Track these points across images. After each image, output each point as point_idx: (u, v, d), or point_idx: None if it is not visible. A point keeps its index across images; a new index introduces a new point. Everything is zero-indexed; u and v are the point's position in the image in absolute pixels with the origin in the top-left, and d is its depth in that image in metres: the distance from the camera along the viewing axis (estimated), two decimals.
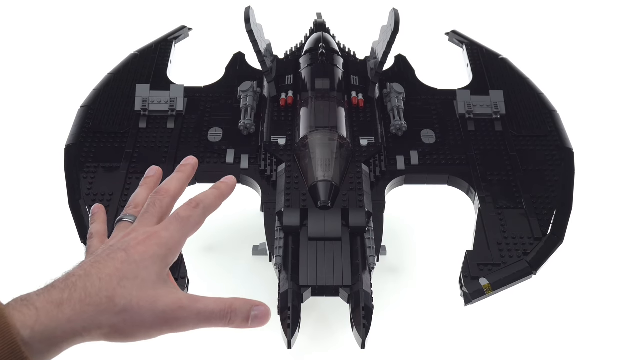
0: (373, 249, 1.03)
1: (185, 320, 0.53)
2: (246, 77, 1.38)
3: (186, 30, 1.57)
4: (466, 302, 1.02)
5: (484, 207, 1.14)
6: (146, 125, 1.27)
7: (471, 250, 1.07)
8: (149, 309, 0.51)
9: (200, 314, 0.53)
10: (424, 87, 1.40)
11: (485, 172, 1.20)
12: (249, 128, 1.25)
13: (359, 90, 1.34)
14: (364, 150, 1.19)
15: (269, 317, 0.55)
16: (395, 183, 1.19)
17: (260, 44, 1.26)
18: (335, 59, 1.38)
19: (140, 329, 0.51)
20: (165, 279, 0.55)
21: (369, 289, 0.97)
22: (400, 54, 1.48)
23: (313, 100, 1.26)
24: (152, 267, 0.53)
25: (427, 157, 1.23)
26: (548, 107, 1.34)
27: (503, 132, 1.28)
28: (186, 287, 1.02)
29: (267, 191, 1.13)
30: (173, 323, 0.52)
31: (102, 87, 1.36)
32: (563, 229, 1.10)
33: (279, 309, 0.95)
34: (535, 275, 1.04)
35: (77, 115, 1.29)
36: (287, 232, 1.04)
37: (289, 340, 0.91)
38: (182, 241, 0.58)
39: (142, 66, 1.41)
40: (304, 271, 0.98)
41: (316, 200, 1.07)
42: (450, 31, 1.59)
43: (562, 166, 1.21)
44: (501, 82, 1.40)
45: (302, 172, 1.12)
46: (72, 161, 1.19)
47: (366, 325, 0.92)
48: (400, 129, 1.26)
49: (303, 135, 1.18)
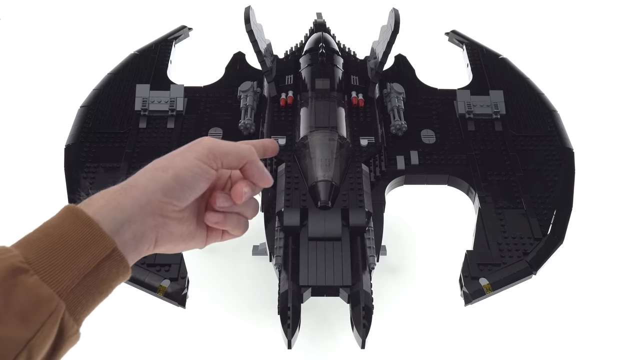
0: (373, 249, 1.03)
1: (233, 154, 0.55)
2: (246, 77, 1.38)
3: (186, 30, 1.57)
4: (466, 302, 1.02)
5: (484, 207, 1.14)
6: (146, 125, 1.28)
7: (471, 250, 1.07)
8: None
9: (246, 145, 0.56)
10: (424, 87, 1.40)
11: (485, 172, 1.20)
12: (249, 128, 1.25)
13: (359, 90, 1.33)
14: (364, 150, 1.19)
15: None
16: (395, 183, 1.19)
17: (260, 44, 1.26)
18: (335, 59, 1.38)
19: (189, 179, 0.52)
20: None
21: (369, 289, 0.97)
22: (400, 54, 1.48)
23: (313, 100, 1.26)
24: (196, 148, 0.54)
25: (427, 157, 1.23)
26: (548, 107, 1.34)
27: (503, 132, 1.28)
28: (186, 287, 1.02)
29: (267, 191, 1.13)
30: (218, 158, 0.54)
31: (102, 87, 1.36)
32: (563, 229, 1.10)
33: (279, 309, 0.95)
34: (535, 275, 1.04)
35: (77, 115, 1.29)
36: (287, 232, 1.04)
37: (289, 340, 0.91)
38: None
39: (142, 66, 1.41)
40: (304, 271, 0.98)
41: (316, 200, 1.07)
42: (450, 31, 1.59)
43: (562, 166, 1.21)
44: (501, 82, 1.40)
45: (302, 172, 1.12)
46: (72, 161, 1.19)
47: (366, 325, 0.92)
48: (400, 129, 1.26)
49: (303, 135, 1.18)
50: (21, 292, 0.40)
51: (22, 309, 0.40)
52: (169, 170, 0.51)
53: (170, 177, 0.51)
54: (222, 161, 0.54)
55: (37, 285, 0.41)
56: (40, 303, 0.41)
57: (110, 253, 0.45)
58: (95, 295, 0.45)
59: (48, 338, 0.41)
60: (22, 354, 0.39)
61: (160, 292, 1.00)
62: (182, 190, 0.51)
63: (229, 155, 0.54)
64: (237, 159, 0.55)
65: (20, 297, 0.40)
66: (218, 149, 0.53)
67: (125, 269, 0.47)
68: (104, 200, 0.48)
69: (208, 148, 0.53)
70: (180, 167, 0.51)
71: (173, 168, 0.51)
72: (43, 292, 0.41)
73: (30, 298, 0.40)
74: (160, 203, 0.50)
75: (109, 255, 0.45)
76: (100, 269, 0.45)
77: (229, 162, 0.54)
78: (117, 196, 0.49)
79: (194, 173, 0.52)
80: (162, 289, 1.00)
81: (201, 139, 0.54)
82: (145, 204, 0.49)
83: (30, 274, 0.41)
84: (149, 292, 1.01)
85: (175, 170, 0.51)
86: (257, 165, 0.56)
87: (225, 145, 0.54)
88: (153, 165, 0.52)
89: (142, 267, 1.02)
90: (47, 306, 0.41)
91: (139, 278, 1.01)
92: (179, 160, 0.52)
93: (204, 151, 0.53)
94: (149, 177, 0.50)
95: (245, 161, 0.55)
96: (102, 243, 0.45)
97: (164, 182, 0.50)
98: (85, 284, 0.44)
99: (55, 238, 0.44)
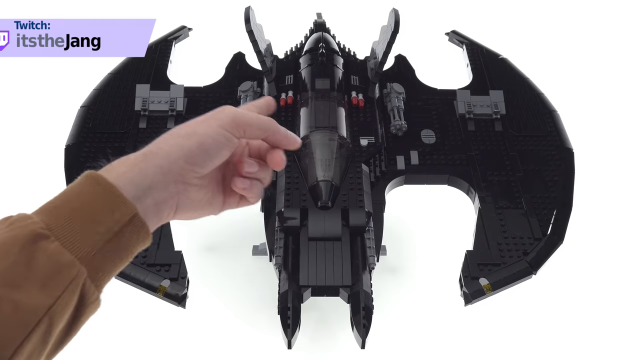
0: (373, 249, 1.03)
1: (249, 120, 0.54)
2: (246, 77, 1.38)
3: (186, 30, 1.57)
4: (466, 302, 1.02)
5: (484, 207, 1.14)
6: (146, 125, 1.28)
7: (471, 250, 1.07)
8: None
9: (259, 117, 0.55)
10: (424, 87, 1.40)
11: (485, 172, 1.20)
12: None
13: (359, 90, 1.34)
14: (364, 150, 1.19)
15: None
16: (395, 183, 1.19)
17: (260, 44, 1.26)
18: (335, 59, 1.38)
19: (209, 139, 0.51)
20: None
21: (369, 289, 0.97)
22: (400, 54, 1.48)
23: (313, 100, 1.26)
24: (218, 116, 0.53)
25: (427, 157, 1.23)
26: (548, 107, 1.34)
27: (503, 132, 1.28)
28: (186, 287, 1.02)
29: (267, 191, 1.13)
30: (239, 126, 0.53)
31: (102, 87, 1.36)
32: (563, 229, 1.10)
33: (279, 309, 0.95)
34: (535, 275, 1.04)
35: (77, 115, 1.29)
36: (287, 232, 1.04)
37: (289, 340, 0.91)
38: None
39: (142, 66, 1.41)
40: (304, 271, 0.98)
41: (316, 200, 1.07)
42: (450, 31, 1.59)
43: (562, 166, 1.21)
44: (501, 82, 1.40)
45: (302, 172, 1.12)
46: (72, 161, 1.19)
47: (366, 325, 0.92)
48: (400, 129, 1.26)
49: (303, 135, 1.18)
50: (42, 258, 0.40)
51: (43, 275, 0.40)
52: (192, 137, 0.50)
53: (194, 144, 0.50)
54: (245, 130, 0.53)
55: (58, 252, 0.41)
56: (62, 269, 0.41)
57: (131, 219, 0.45)
58: (116, 261, 0.45)
59: (69, 305, 0.41)
60: (44, 321, 0.39)
61: (160, 292, 1.00)
62: (205, 157, 0.51)
63: (252, 126, 0.54)
64: (260, 130, 0.54)
65: (41, 263, 0.40)
66: (242, 118, 0.53)
67: (146, 235, 0.47)
68: (125, 166, 0.47)
69: (232, 117, 0.52)
70: (204, 134, 0.51)
71: (197, 135, 0.51)
72: (64, 258, 0.41)
73: (51, 264, 0.40)
74: (182, 170, 0.50)
75: (129, 220, 0.45)
76: (121, 235, 0.44)
77: (252, 133, 0.54)
78: (139, 162, 0.48)
79: (218, 141, 0.51)
80: (162, 289, 1.00)
81: (224, 108, 0.53)
82: (167, 171, 0.49)
83: (51, 240, 0.41)
84: (149, 292, 1.01)
85: (199, 138, 0.50)
86: (281, 133, 0.56)
87: (248, 116, 0.54)
88: (176, 132, 0.51)
89: (142, 267, 1.01)
90: (68, 272, 0.41)
91: (139, 278, 1.01)
92: (203, 127, 0.51)
93: (227, 119, 0.52)
94: (172, 144, 0.50)
95: (268, 133, 0.55)
96: (122, 209, 0.45)
97: (187, 149, 0.50)
98: (106, 250, 0.44)
99: (76, 204, 0.44)
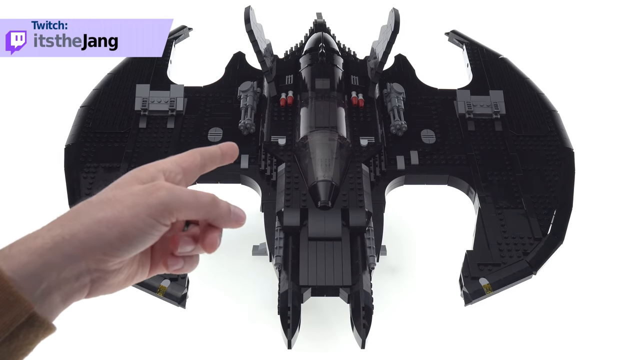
0: (373, 249, 1.03)
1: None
2: (246, 77, 1.38)
3: (186, 30, 1.58)
4: (466, 302, 1.02)
5: (484, 207, 1.14)
6: (146, 125, 1.28)
7: (471, 250, 1.07)
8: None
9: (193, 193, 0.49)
10: (424, 87, 1.40)
11: (485, 172, 1.20)
12: (249, 128, 1.25)
13: (359, 90, 1.34)
14: (364, 150, 1.19)
15: (244, 219, 0.52)
16: (395, 183, 1.19)
17: (260, 44, 1.27)
18: (335, 59, 1.39)
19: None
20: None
21: (369, 289, 0.98)
22: (400, 54, 1.49)
23: (313, 100, 1.26)
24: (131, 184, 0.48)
25: (427, 157, 1.23)
26: (548, 107, 1.34)
27: (503, 132, 1.28)
28: (186, 287, 1.02)
29: (267, 191, 1.13)
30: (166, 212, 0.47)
31: (102, 87, 1.36)
32: (563, 229, 1.10)
33: (279, 309, 0.95)
34: (535, 275, 1.04)
35: (77, 115, 1.29)
36: (287, 232, 1.04)
37: (289, 340, 0.91)
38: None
39: (142, 66, 1.41)
40: (304, 271, 0.98)
41: (316, 200, 1.07)
42: (450, 31, 1.60)
43: (562, 166, 1.21)
44: (501, 82, 1.40)
45: (302, 172, 1.12)
46: (72, 161, 1.19)
47: (366, 325, 0.92)
48: (400, 129, 1.26)
49: (303, 135, 1.18)
50: None
51: None
52: (114, 227, 0.44)
53: (115, 235, 0.44)
54: (178, 217, 0.48)
55: None
56: None
57: (28, 319, 0.41)
58: (13, 358, 0.41)
59: None
60: None
61: (160, 292, 1.01)
62: (128, 249, 0.45)
63: (188, 208, 0.48)
64: (196, 212, 0.49)
65: None
66: (176, 202, 0.47)
67: (48, 329, 0.42)
68: (29, 255, 0.42)
69: (165, 203, 0.46)
70: (128, 224, 0.45)
71: (119, 225, 0.45)
72: None
73: None
74: (98, 261, 0.44)
75: (26, 321, 0.41)
76: (13, 337, 0.40)
77: (187, 215, 0.48)
78: (45, 252, 0.42)
79: (143, 232, 0.46)
80: (162, 289, 1.01)
81: (158, 186, 0.47)
82: (79, 260, 0.43)
83: None
84: (149, 292, 1.01)
85: (122, 229, 0.45)
86: (222, 213, 0.50)
87: (183, 198, 0.47)
88: (96, 210, 0.45)
89: None
90: None
91: None
92: (128, 213, 0.45)
93: (159, 207, 0.46)
94: (88, 229, 0.44)
95: (205, 216, 0.49)
96: (17, 309, 0.40)
97: (106, 241, 0.44)
98: (1, 352, 0.40)
99: None
